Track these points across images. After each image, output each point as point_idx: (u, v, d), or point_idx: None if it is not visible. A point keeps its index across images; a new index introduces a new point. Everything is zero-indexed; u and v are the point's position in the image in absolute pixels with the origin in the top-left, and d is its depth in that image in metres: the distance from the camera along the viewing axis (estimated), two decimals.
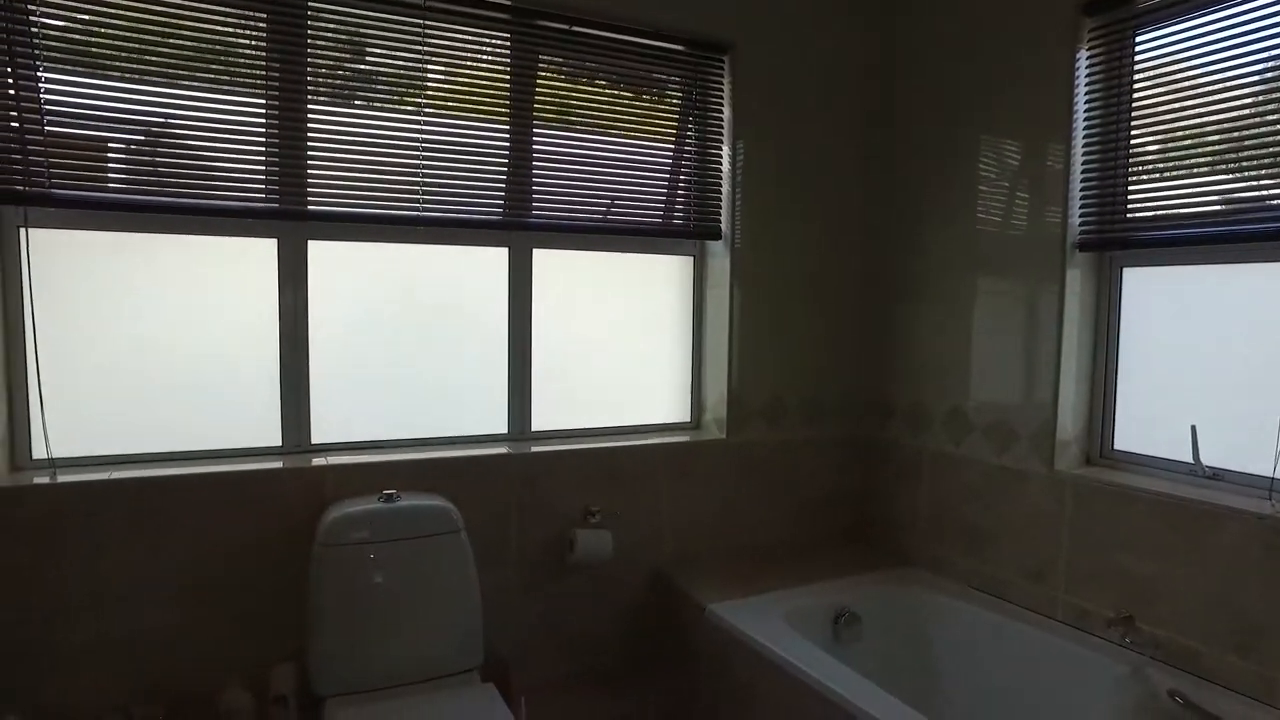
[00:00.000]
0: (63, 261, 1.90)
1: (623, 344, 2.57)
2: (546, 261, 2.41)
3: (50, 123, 1.79)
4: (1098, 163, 2.10)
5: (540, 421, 2.44)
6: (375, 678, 1.91)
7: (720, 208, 2.56)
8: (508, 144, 2.25)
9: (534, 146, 2.29)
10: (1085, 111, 2.12)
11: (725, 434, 2.57)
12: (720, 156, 2.55)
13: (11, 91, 1.75)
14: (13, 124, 1.75)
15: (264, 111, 1.98)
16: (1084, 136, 2.12)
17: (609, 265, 2.52)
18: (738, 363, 2.56)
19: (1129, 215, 2.05)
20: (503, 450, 2.28)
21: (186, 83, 1.90)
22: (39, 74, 1.77)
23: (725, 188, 2.55)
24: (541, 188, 2.30)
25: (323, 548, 1.87)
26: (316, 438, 2.17)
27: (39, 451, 1.90)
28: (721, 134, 2.55)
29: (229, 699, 1.90)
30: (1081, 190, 2.13)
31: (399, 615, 1.93)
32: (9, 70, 1.74)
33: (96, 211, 1.88)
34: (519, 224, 2.29)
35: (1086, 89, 2.11)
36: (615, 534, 2.32)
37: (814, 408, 2.73)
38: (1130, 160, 2.04)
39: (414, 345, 2.27)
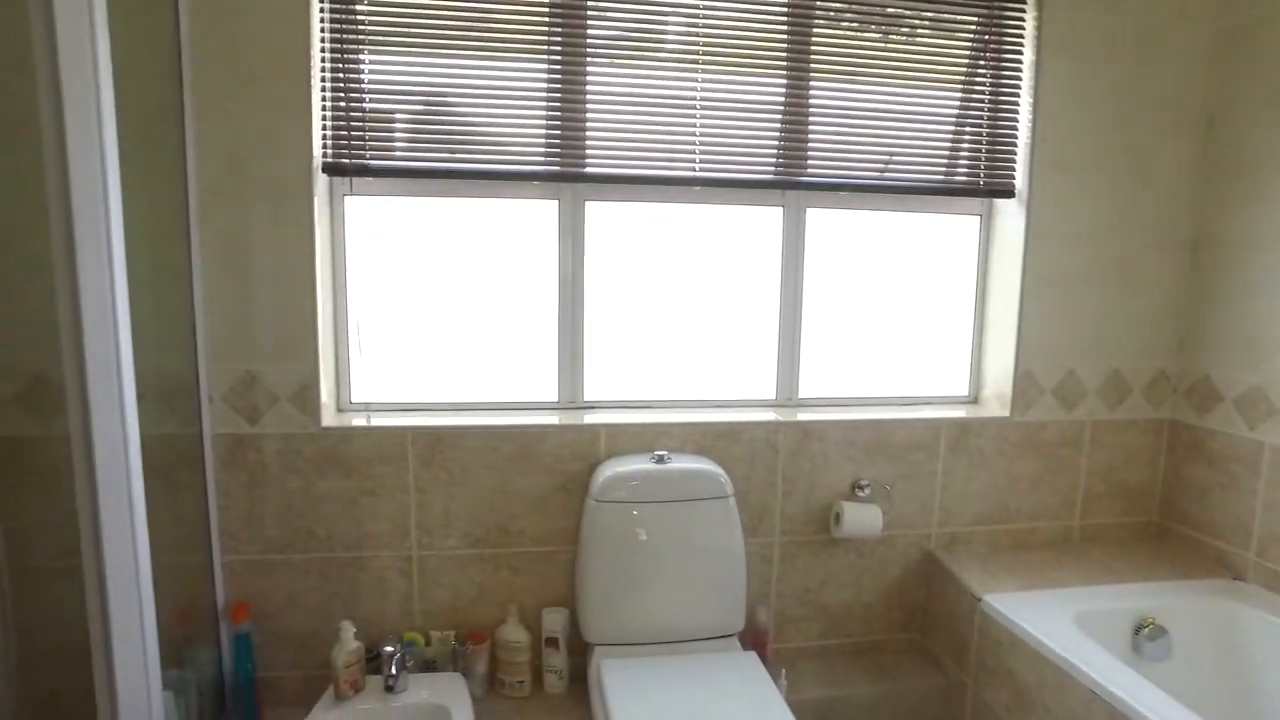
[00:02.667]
0: (369, 224, 2.10)
1: (898, 310, 2.41)
2: (820, 221, 2.30)
3: (369, 99, 1.97)
4: None
5: (809, 388, 2.37)
6: (640, 632, 1.97)
7: (1014, 162, 2.29)
8: (782, 98, 2.16)
9: (810, 100, 2.18)
10: None
11: (1009, 411, 2.33)
12: (1016, 105, 2.27)
13: (340, 74, 1.94)
14: (340, 103, 1.95)
15: (546, 75, 2.04)
16: None
17: (886, 226, 2.36)
18: (1027, 334, 2.30)
19: None
20: (770, 416, 2.23)
21: (477, 53, 2.00)
22: (362, 56, 1.95)
23: (1021, 140, 2.28)
24: (816, 144, 2.19)
25: (596, 503, 1.95)
26: (588, 395, 2.25)
27: (357, 396, 2.14)
28: (1019, 79, 2.26)
29: (508, 633, 2.05)
30: None
31: (666, 575, 1.96)
32: (340, 55, 1.93)
33: (399, 179, 2.05)
34: (793, 183, 2.19)
35: None
36: (884, 509, 2.20)
37: (1116, 387, 2.40)
38: None
39: (684, 306, 2.28)
